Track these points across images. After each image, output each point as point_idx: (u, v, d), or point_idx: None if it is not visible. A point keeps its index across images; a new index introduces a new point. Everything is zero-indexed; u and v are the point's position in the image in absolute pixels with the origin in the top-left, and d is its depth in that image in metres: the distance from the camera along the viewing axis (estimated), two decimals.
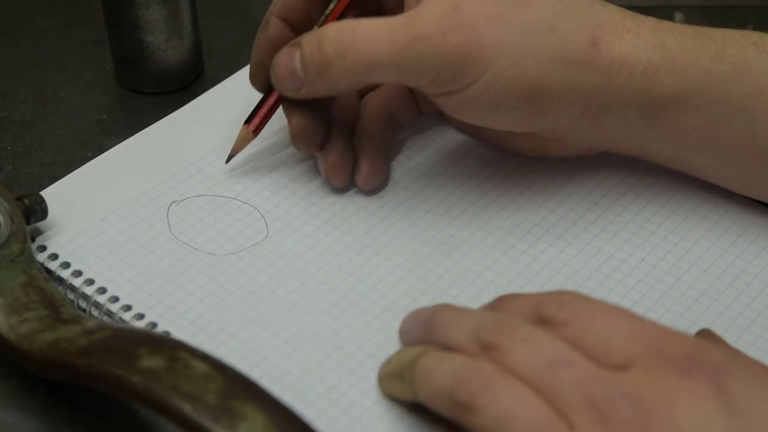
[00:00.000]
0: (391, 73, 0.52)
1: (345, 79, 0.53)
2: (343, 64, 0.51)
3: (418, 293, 0.54)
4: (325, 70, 0.52)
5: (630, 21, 0.53)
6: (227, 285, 0.54)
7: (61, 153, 0.63)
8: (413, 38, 0.50)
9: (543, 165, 0.60)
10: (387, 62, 0.51)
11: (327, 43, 0.52)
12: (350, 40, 0.51)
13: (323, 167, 0.58)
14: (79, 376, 0.46)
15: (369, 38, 0.51)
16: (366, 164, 0.58)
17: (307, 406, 0.48)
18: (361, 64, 0.51)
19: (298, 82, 0.54)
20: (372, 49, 0.51)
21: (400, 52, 0.51)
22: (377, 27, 0.51)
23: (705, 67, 0.52)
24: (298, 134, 0.57)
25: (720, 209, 0.58)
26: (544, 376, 0.42)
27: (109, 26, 0.66)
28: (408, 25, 0.51)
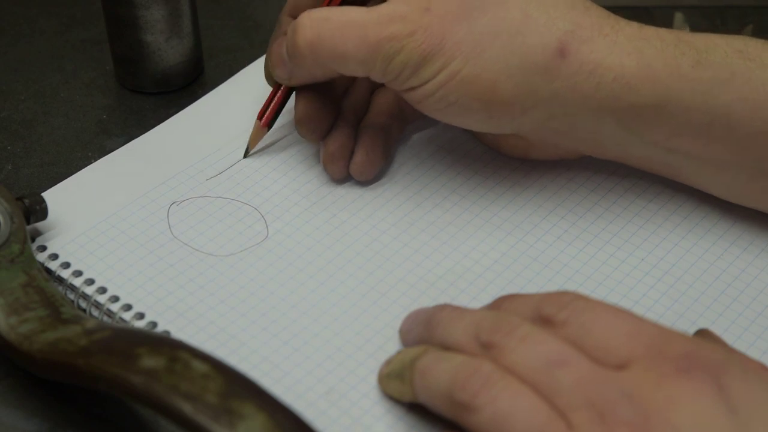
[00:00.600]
0: (359, 68, 0.53)
1: (316, 69, 0.54)
2: (313, 54, 0.53)
3: (418, 293, 0.54)
4: (298, 58, 0.54)
5: (609, 26, 0.52)
6: (227, 285, 0.54)
7: (61, 153, 0.63)
8: (382, 38, 0.52)
9: (543, 166, 0.60)
10: (354, 58, 0.52)
11: (299, 32, 0.53)
12: (318, 33, 0.53)
13: (322, 155, 0.59)
14: (79, 376, 0.46)
15: (339, 32, 0.52)
16: (360, 153, 0.58)
17: (308, 406, 0.48)
18: (330, 57, 0.53)
19: (287, 70, 0.56)
20: (340, 44, 0.52)
21: (368, 51, 0.52)
22: (349, 20, 0.52)
23: (685, 74, 0.52)
24: (301, 119, 0.58)
25: (720, 210, 0.58)
26: (543, 376, 0.43)
27: (109, 26, 0.66)
28: (378, 24, 0.52)
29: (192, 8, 0.66)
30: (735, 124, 0.52)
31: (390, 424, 0.48)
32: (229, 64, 0.69)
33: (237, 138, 0.62)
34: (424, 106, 0.54)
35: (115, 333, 0.48)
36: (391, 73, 0.52)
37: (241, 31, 0.73)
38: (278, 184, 0.59)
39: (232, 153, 0.61)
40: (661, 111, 0.53)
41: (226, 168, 0.60)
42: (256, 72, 0.67)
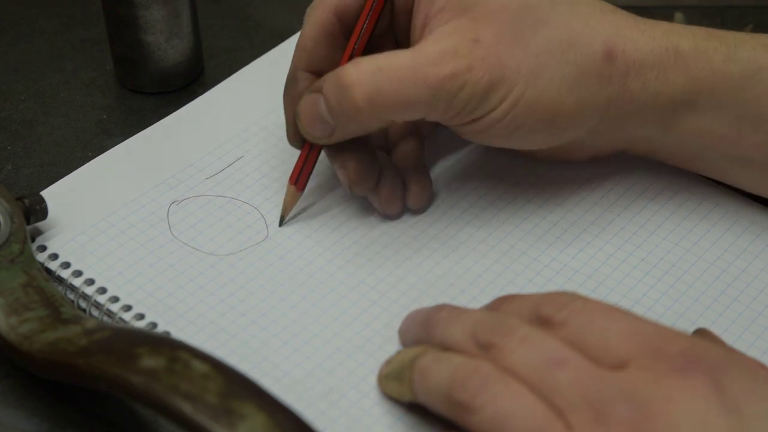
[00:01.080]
0: (421, 111, 0.51)
1: (375, 122, 0.52)
2: (372, 109, 0.51)
3: (418, 293, 0.54)
4: (354, 116, 0.51)
5: (644, 23, 0.53)
6: (227, 285, 0.54)
7: (61, 153, 0.63)
8: (442, 78, 0.50)
9: (543, 166, 0.60)
10: (416, 104, 0.51)
11: (353, 89, 0.51)
12: (375, 85, 0.50)
13: (378, 202, 0.57)
14: (79, 376, 0.46)
15: (396, 81, 0.50)
16: (415, 186, 0.57)
17: (307, 406, 0.48)
18: (391, 108, 0.51)
19: (328, 129, 0.53)
20: (401, 92, 0.50)
21: (431, 93, 0.50)
22: (401, 66, 0.51)
23: (717, 69, 0.53)
24: (357, 179, 0.55)
25: (720, 209, 0.58)
26: (541, 376, 0.43)
27: (109, 26, 0.66)
28: (434, 64, 0.50)
29: (192, 8, 0.66)
30: (764, 117, 0.53)
31: (390, 424, 0.48)
32: (229, 64, 0.69)
33: (237, 136, 0.62)
34: (487, 135, 0.53)
35: (115, 333, 0.48)
36: (454, 109, 0.51)
37: (241, 31, 0.73)
38: (278, 184, 0.59)
39: (231, 151, 0.61)
40: (693, 106, 0.53)
41: (225, 167, 0.60)
42: (256, 71, 0.67)
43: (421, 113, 0.52)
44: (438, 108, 0.51)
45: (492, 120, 0.52)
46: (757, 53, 0.53)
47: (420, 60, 0.51)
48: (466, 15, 0.51)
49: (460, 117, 0.52)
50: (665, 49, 0.53)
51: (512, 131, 0.52)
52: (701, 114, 0.53)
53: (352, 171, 0.55)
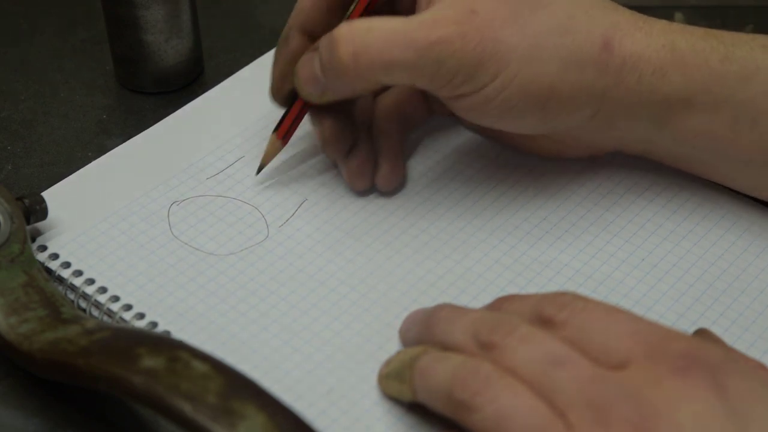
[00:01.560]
0: (407, 75, 0.52)
1: (362, 81, 0.52)
2: (358, 66, 0.51)
3: (419, 293, 0.54)
4: (341, 72, 0.52)
5: (642, 21, 0.53)
6: (228, 285, 0.54)
7: (61, 153, 0.63)
8: (432, 42, 0.50)
9: (543, 166, 0.60)
10: (404, 65, 0.51)
11: (341, 46, 0.51)
12: (363, 42, 0.51)
13: (346, 172, 0.58)
14: (79, 376, 0.46)
15: (384, 40, 0.51)
16: (386, 165, 0.58)
17: (308, 406, 0.48)
18: (377, 66, 0.51)
19: (320, 86, 0.54)
20: (388, 51, 0.51)
21: (418, 55, 0.50)
22: (393, 28, 0.51)
23: (714, 68, 0.53)
24: (330, 139, 0.56)
25: (720, 210, 0.58)
26: (542, 375, 0.43)
27: (109, 26, 0.66)
28: (426, 28, 0.50)
29: (192, 8, 0.66)
30: (760, 118, 0.53)
31: (390, 424, 0.48)
32: (229, 64, 0.69)
33: (237, 136, 0.62)
34: (478, 113, 0.53)
35: (115, 333, 0.48)
36: (443, 78, 0.51)
37: (241, 31, 0.73)
38: (279, 184, 0.59)
39: (232, 152, 0.61)
40: (689, 105, 0.53)
41: (226, 167, 0.60)
42: (256, 71, 0.67)
43: (408, 78, 0.52)
44: (425, 73, 0.51)
45: (483, 97, 0.52)
46: (755, 53, 0.53)
47: (412, 24, 0.51)
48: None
49: (448, 89, 0.52)
50: (662, 46, 0.53)
51: (504, 112, 0.52)
52: (697, 113, 0.53)
53: (327, 129, 0.56)
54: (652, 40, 0.53)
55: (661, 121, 0.54)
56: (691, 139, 0.55)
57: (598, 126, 0.55)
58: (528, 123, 0.54)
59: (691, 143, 0.55)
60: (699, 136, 0.54)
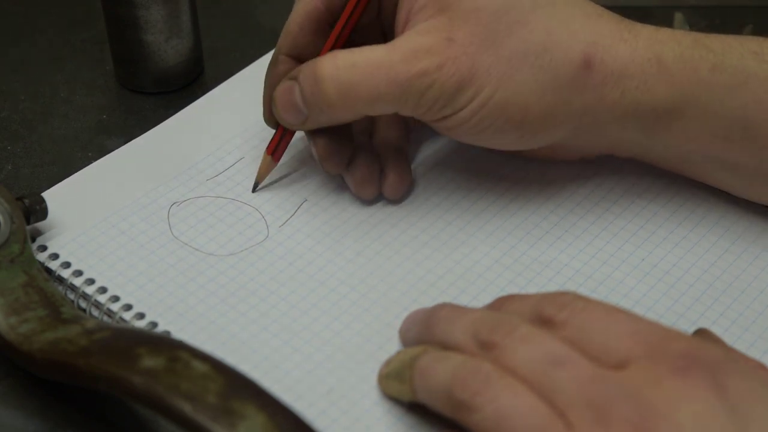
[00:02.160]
0: (391, 107, 0.53)
1: (347, 115, 0.54)
2: (345, 103, 0.52)
3: (419, 293, 0.54)
4: (327, 107, 0.53)
5: (627, 31, 0.53)
6: (228, 285, 0.54)
7: (61, 153, 0.63)
8: (412, 76, 0.51)
9: (543, 166, 0.60)
10: (387, 99, 0.52)
11: (326, 83, 0.52)
12: (348, 80, 0.52)
13: (352, 183, 0.58)
14: (79, 376, 0.46)
15: (368, 77, 0.52)
16: (393, 174, 0.58)
17: (308, 406, 0.48)
18: (362, 103, 0.52)
19: (301, 116, 0.55)
20: (372, 88, 0.52)
21: (400, 90, 0.51)
22: (375, 62, 0.52)
23: (703, 78, 0.52)
24: (326, 156, 0.56)
25: (720, 210, 0.58)
26: (542, 375, 0.43)
27: (109, 26, 0.66)
28: (406, 62, 0.51)
29: (192, 8, 0.66)
30: (752, 125, 0.53)
31: (390, 424, 0.48)
32: (229, 64, 0.69)
33: (237, 137, 0.62)
34: (456, 132, 0.54)
35: (115, 333, 0.48)
36: (423, 106, 0.52)
37: (241, 31, 0.73)
38: (278, 184, 0.59)
39: (232, 153, 0.61)
40: (679, 115, 0.53)
41: (226, 168, 0.60)
42: (256, 72, 0.67)
43: (391, 108, 0.53)
44: (408, 104, 0.52)
45: (460, 119, 0.52)
46: (745, 61, 0.52)
47: (393, 57, 0.51)
48: (444, 13, 0.52)
49: (430, 114, 0.53)
50: (647, 60, 0.52)
51: (481, 131, 0.53)
52: (687, 121, 0.53)
53: (321, 147, 0.56)
54: (637, 53, 0.52)
55: (651, 130, 0.54)
56: (682, 146, 0.54)
57: (585, 135, 0.55)
58: (506, 141, 0.54)
59: (682, 149, 0.55)
60: (690, 142, 0.54)
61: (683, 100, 0.53)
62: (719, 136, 0.53)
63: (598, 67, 0.52)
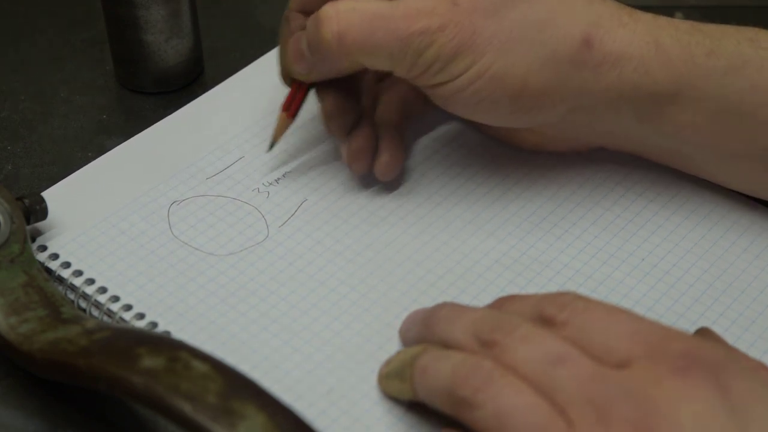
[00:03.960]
0: (386, 62, 0.53)
1: (344, 61, 0.53)
2: (340, 46, 0.52)
3: (419, 293, 0.54)
4: (326, 51, 0.53)
5: (627, 15, 0.53)
6: (228, 285, 0.54)
7: (61, 153, 0.63)
8: (412, 33, 0.51)
9: (544, 166, 0.60)
10: (385, 51, 0.52)
11: (325, 25, 0.52)
12: (347, 24, 0.52)
13: (346, 152, 0.58)
14: (79, 376, 0.46)
15: (366, 24, 0.52)
16: (386, 154, 0.58)
17: (308, 406, 0.48)
18: (359, 48, 0.52)
19: (307, 64, 0.55)
20: (369, 36, 0.52)
21: (398, 44, 0.51)
22: (377, 12, 0.52)
23: (700, 63, 0.53)
24: (332, 113, 0.56)
25: (721, 210, 0.58)
26: (543, 373, 0.43)
27: (109, 26, 0.66)
28: (407, 18, 0.51)
29: (192, 8, 0.66)
30: (747, 112, 0.53)
31: (390, 424, 0.48)
32: (229, 64, 0.69)
33: (237, 136, 0.62)
34: (451, 102, 0.54)
35: (115, 333, 0.48)
36: (420, 67, 0.52)
37: (241, 31, 0.72)
38: (279, 184, 0.59)
39: (232, 152, 0.61)
40: (675, 99, 0.53)
41: (226, 167, 0.60)
42: (256, 71, 0.67)
43: (388, 63, 0.53)
44: (404, 62, 0.52)
45: (457, 86, 0.52)
46: (742, 47, 0.53)
47: (395, 11, 0.52)
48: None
49: (425, 77, 0.53)
50: (646, 43, 0.53)
51: (477, 102, 0.53)
52: (683, 106, 0.53)
53: (329, 104, 0.56)
54: (636, 36, 0.53)
55: (645, 115, 0.54)
56: (675, 133, 0.55)
57: (580, 120, 0.55)
58: (501, 116, 0.54)
59: (675, 137, 0.55)
60: (684, 130, 0.54)
61: (679, 83, 0.53)
62: (714, 122, 0.53)
63: (597, 47, 0.52)
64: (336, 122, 0.57)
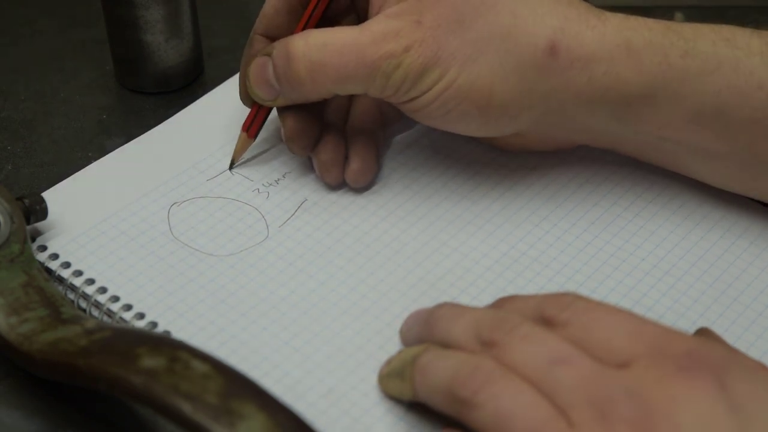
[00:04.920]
0: (360, 87, 0.54)
1: (316, 93, 0.55)
2: (314, 81, 0.53)
3: (419, 294, 0.54)
4: (297, 85, 0.54)
5: (595, 18, 0.53)
6: (228, 285, 0.54)
7: (61, 153, 0.63)
8: (379, 57, 0.52)
9: (543, 166, 0.60)
10: (355, 80, 0.53)
11: (297, 61, 0.53)
12: (319, 59, 0.53)
13: (317, 165, 0.59)
14: (79, 376, 0.46)
15: (338, 57, 0.53)
16: (356, 160, 0.58)
17: (308, 406, 0.48)
18: (331, 82, 0.53)
19: (273, 92, 0.56)
20: (341, 68, 0.53)
21: (367, 71, 0.52)
22: (345, 43, 0.53)
23: (674, 64, 0.52)
24: (292, 137, 0.57)
25: (720, 210, 0.58)
26: (544, 373, 0.43)
27: (109, 26, 0.66)
28: (374, 43, 0.52)
29: (192, 8, 0.66)
30: (724, 111, 0.53)
31: (390, 424, 0.48)
32: (229, 64, 0.69)
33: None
34: (421, 115, 0.54)
35: (115, 333, 0.48)
36: (391, 88, 0.53)
37: (241, 31, 0.72)
38: (279, 185, 0.59)
39: (232, 153, 0.61)
40: (650, 101, 0.53)
41: (226, 168, 0.60)
42: None
43: (360, 89, 0.54)
44: (375, 85, 0.53)
45: (425, 101, 0.53)
46: (717, 48, 0.53)
47: (363, 38, 0.53)
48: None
49: (397, 96, 0.54)
50: (616, 45, 0.52)
51: (445, 113, 0.54)
52: (658, 107, 0.53)
53: (288, 127, 0.57)
54: (606, 38, 0.52)
55: (622, 116, 0.54)
56: (654, 132, 0.55)
57: (554, 122, 0.55)
58: (472, 125, 0.55)
59: (654, 136, 0.55)
60: (662, 129, 0.54)
61: (653, 86, 0.53)
62: (691, 122, 0.53)
63: (564, 53, 0.52)
64: (297, 144, 0.58)
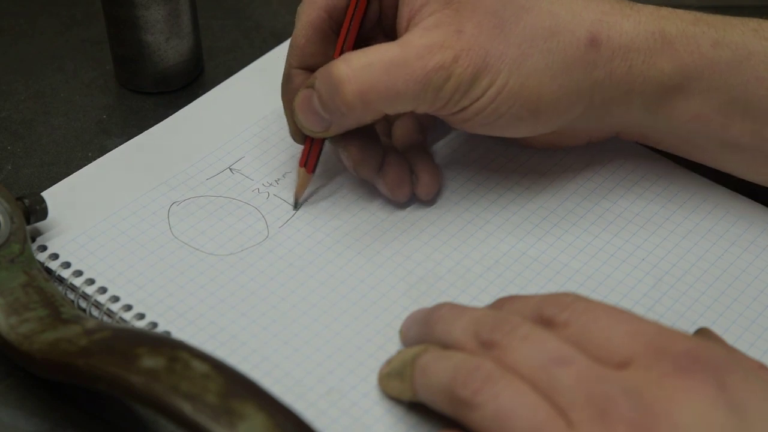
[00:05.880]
0: (410, 104, 0.53)
1: (367, 117, 0.53)
2: (364, 104, 0.52)
3: (419, 294, 0.54)
4: (348, 111, 0.53)
5: (629, 8, 0.54)
6: (228, 285, 0.54)
7: (61, 153, 0.63)
8: (429, 71, 0.51)
9: (543, 166, 0.60)
10: (405, 96, 0.52)
11: (344, 87, 0.52)
12: (366, 81, 0.52)
13: (384, 186, 0.57)
14: (79, 376, 0.46)
15: (385, 76, 0.51)
16: (424, 174, 0.58)
17: (308, 406, 0.48)
18: (382, 101, 0.52)
19: (323, 122, 0.54)
20: (390, 87, 0.52)
21: (419, 86, 0.52)
22: (389, 61, 0.52)
23: (705, 54, 0.53)
24: (361, 162, 0.56)
25: (721, 210, 0.58)
26: (543, 374, 0.43)
27: (109, 26, 0.66)
28: (420, 58, 0.51)
29: (192, 8, 0.66)
30: (752, 104, 0.53)
31: (390, 424, 0.48)
32: (229, 64, 0.69)
33: (237, 137, 0.62)
34: (472, 123, 0.54)
35: (115, 333, 0.48)
36: (441, 100, 0.52)
37: (241, 31, 0.72)
38: (279, 185, 0.59)
39: (232, 152, 0.61)
40: (682, 90, 0.53)
41: (226, 167, 0.60)
42: (256, 71, 0.67)
43: (411, 105, 0.53)
44: (426, 99, 0.52)
45: (477, 108, 0.53)
46: (746, 38, 0.53)
47: (408, 54, 0.52)
48: (450, 6, 0.52)
49: (448, 107, 0.53)
50: (651, 34, 0.53)
51: (497, 119, 0.53)
52: (690, 98, 0.54)
53: (355, 152, 0.56)
54: (641, 28, 0.53)
55: (655, 106, 0.54)
56: (684, 123, 0.55)
57: (593, 116, 0.55)
58: (521, 128, 0.54)
59: (685, 127, 0.55)
60: (692, 120, 0.54)
61: (686, 75, 0.53)
62: (721, 113, 0.54)
63: (604, 44, 0.52)
64: (366, 168, 0.56)
